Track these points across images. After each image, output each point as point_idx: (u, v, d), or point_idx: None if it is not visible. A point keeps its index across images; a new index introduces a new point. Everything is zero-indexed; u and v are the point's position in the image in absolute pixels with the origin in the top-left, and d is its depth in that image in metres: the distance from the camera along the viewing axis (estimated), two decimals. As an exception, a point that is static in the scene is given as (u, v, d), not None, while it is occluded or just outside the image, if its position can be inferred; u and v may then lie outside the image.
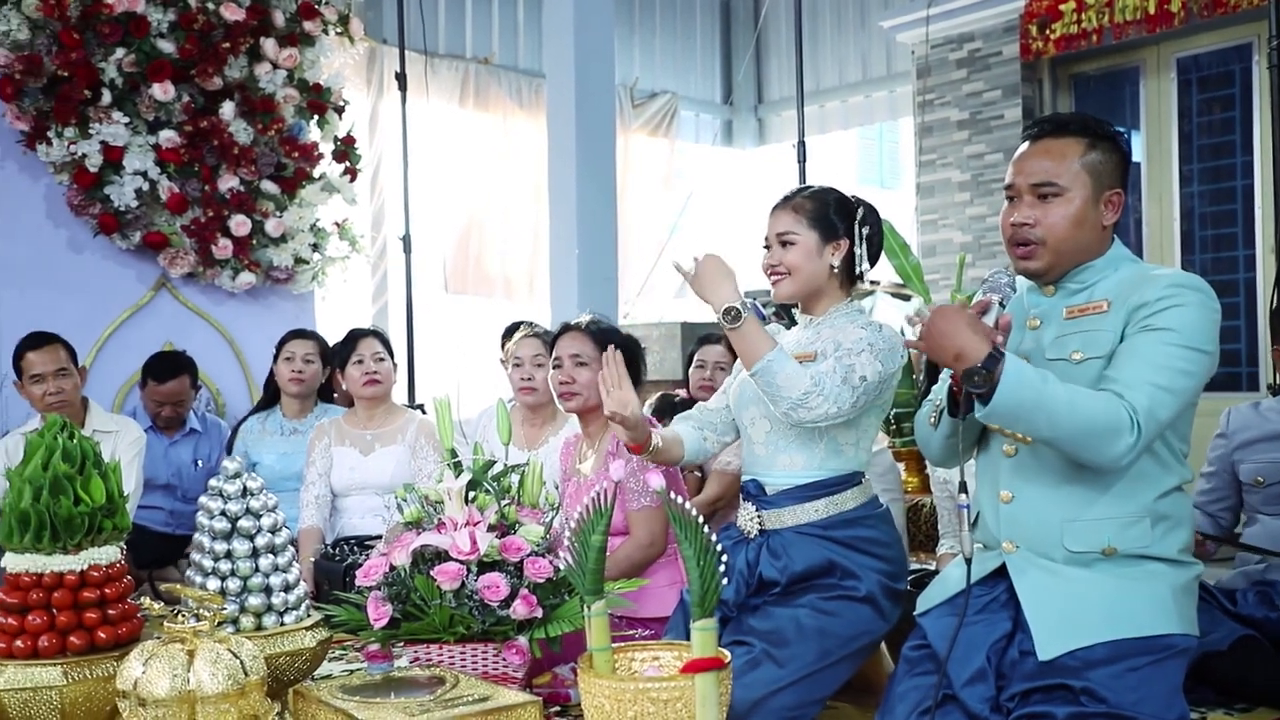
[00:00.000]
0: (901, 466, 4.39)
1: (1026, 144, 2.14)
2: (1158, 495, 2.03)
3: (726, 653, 1.80)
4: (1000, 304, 2.01)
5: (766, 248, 2.53)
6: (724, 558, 1.81)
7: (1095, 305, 2.06)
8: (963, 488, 1.92)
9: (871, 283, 7.65)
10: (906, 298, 7.93)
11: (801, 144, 5.47)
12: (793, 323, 2.72)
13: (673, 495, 1.80)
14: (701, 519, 1.79)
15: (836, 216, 2.50)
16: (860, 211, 2.52)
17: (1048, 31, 6.95)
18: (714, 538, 1.80)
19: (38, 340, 3.82)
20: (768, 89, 9.95)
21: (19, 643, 1.88)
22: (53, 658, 1.88)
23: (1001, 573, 2.11)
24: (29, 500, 1.90)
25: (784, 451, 2.46)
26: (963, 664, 2.02)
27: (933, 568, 3.39)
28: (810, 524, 2.42)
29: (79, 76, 4.73)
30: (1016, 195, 2.11)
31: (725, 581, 1.82)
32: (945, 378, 2.12)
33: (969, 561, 1.97)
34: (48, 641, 1.88)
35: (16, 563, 1.93)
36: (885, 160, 11.97)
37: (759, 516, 2.48)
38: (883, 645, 2.71)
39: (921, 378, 2.18)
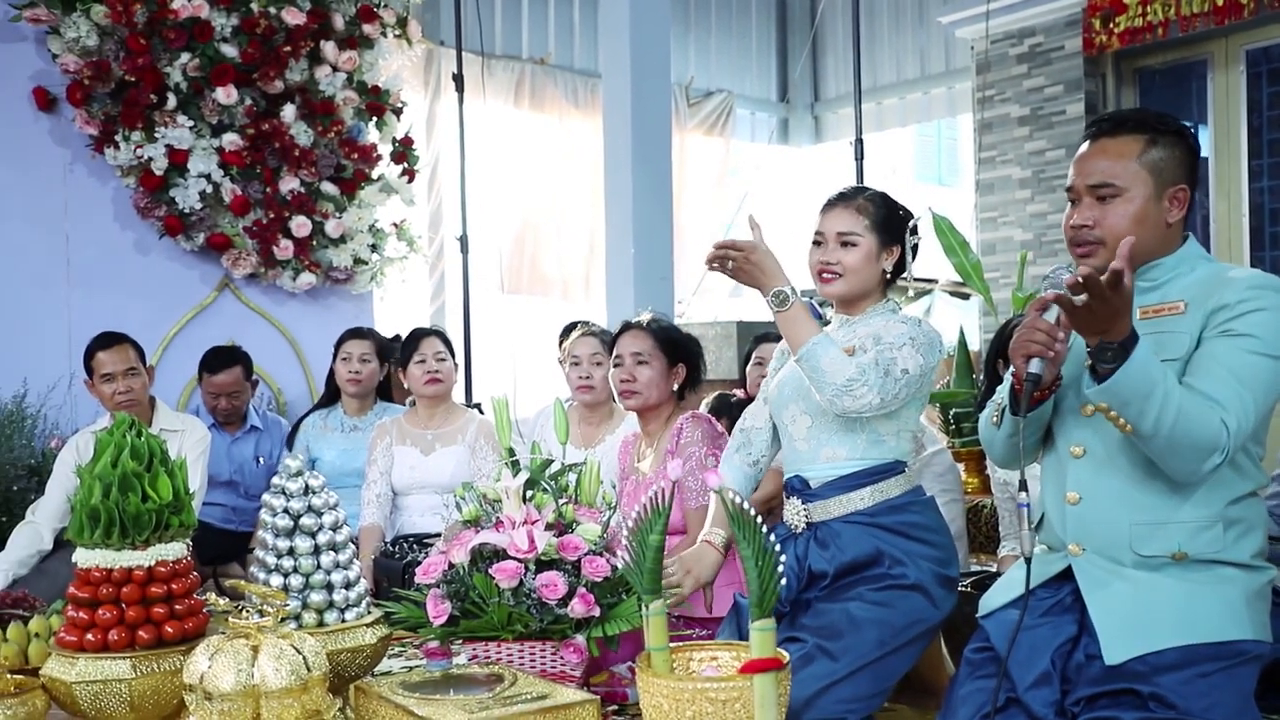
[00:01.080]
0: (961, 467, 4.34)
1: (1086, 144, 2.11)
2: (1231, 500, 1.99)
3: (785, 653, 1.79)
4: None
5: (818, 243, 2.52)
6: (782, 558, 1.80)
7: (1171, 306, 2.02)
8: (1022, 486, 1.89)
9: (928, 280, 7.59)
10: (965, 296, 7.84)
11: (859, 141, 5.42)
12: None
13: (730, 495, 1.79)
14: (760, 519, 1.78)
15: (895, 222, 2.50)
16: (911, 220, 2.54)
17: (1111, 25, 6.82)
18: (772, 538, 1.79)
19: (108, 340, 3.89)
20: (824, 86, 9.88)
21: (90, 636, 1.92)
22: (122, 651, 1.91)
23: (1067, 575, 2.07)
24: (99, 497, 1.94)
25: (826, 445, 2.47)
26: (1027, 667, 1.99)
27: (994, 569, 3.35)
28: (857, 512, 2.42)
29: (145, 81, 4.82)
30: (1077, 197, 2.08)
31: (783, 582, 1.81)
32: (1008, 377, 2.09)
33: (1029, 562, 1.94)
34: (117, 635, 1.92)
35: (87, 558, 1.96)
36: (943, 157, 11.84)
37: (805, 510, 2.48)
38: (944, 648, 2.69)
39: (982, 378, 2.16)
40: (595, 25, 8.03)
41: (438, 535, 3.54)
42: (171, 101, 4.89)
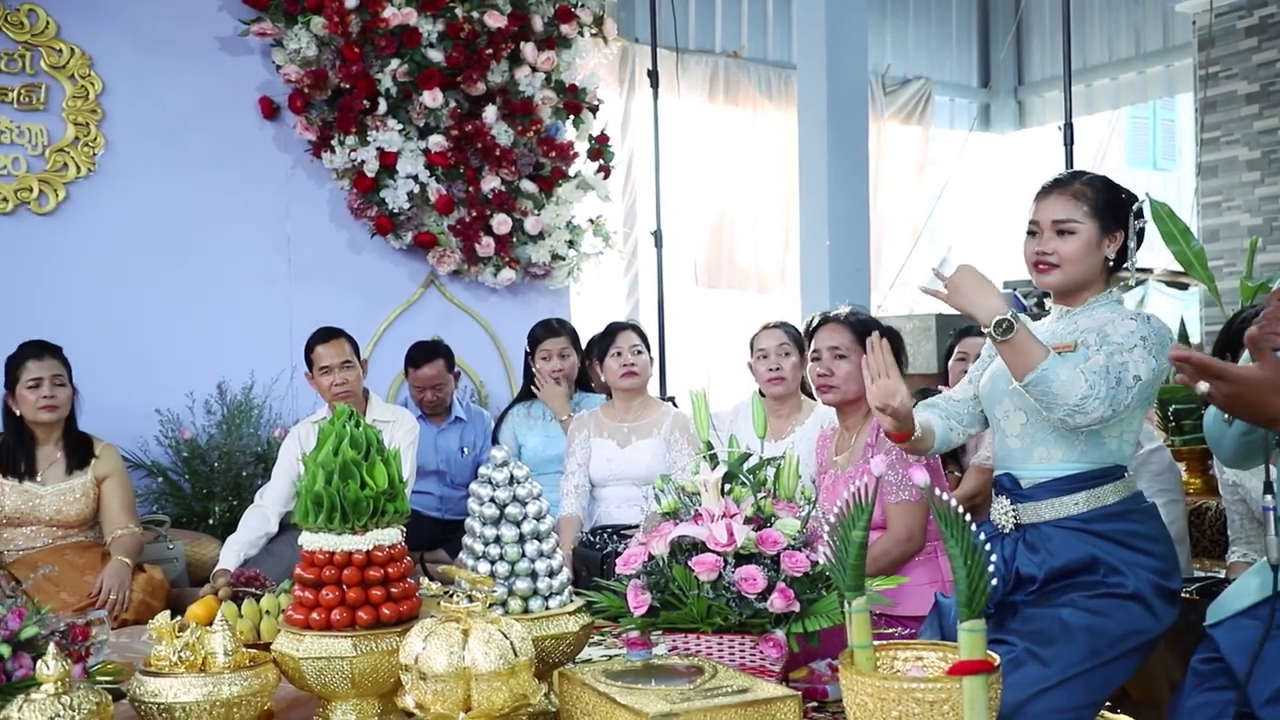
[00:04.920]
0: (1182, 467, 4.09)
1: None
2: None
3: (996, 656, 1.72)
4: None
5: (1032, 233, 2.41)
6: (992, 557, 1.74)
7: None
8: (1268, 488, 1.76)
9: (1142, 271, 7.19)
10: (1184, 286, 7.39)
11: (1068, 126, 5.17)
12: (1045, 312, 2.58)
13: (936, 491, 1.74)
14: (969, 517, 1.72)
15: (1116, 207, 2.37)
16: (1135, 203, 2.39)
17: (1352, -9, 6.31)
18: (981, 536, 1.73)
19: (326, 334, 4.09)
20: (1029, 69, 9.50)
21: (315, 615, 2.02)
22: (344, 630, 2.01)
23: (1309, 584, 1.92)
24: (321, 483, 2.04)
25: (1040, 444, 2.36)
26: (1264, 681, 1.86)
27: (1221, 575, 3.14)
28: (1070, 517, 2.30)
29: (359, 88, 5.06)
30: None
31: (993, 583, 1.74)
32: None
33: (1276, 569, 1.80)
34: (339, 615, 2.01)
35: (311, 541, 2.07)
36: (1159, 140, 11.21)
37: (1014, 511, 2.38)
38: (1164, 659, 2.54)
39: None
40: (789, 16, 7.95)
41: (635, 526, 3.58)
42: (382, 106, 5.12)
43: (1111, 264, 2.39)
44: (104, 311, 4.76)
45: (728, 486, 2.51)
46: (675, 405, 4.75)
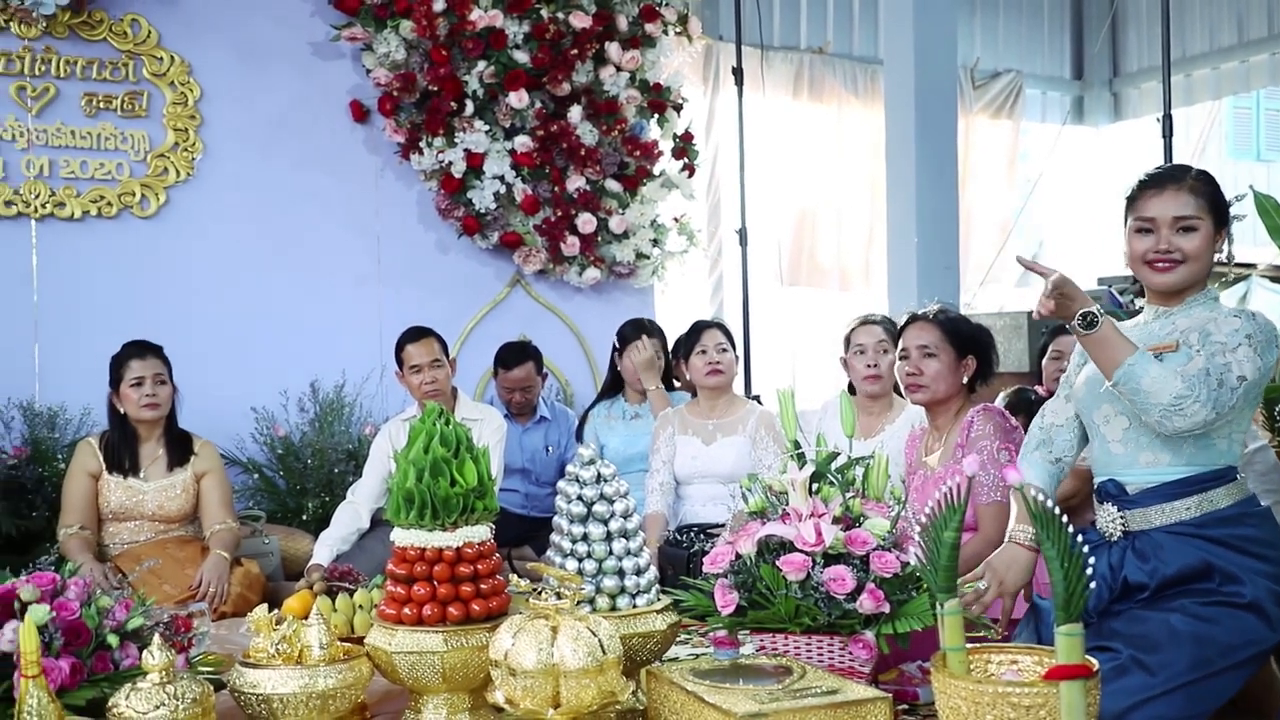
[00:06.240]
0: (1288, 467, 3.95)
1: None
2: None
3: (1094, 660, 1.69)
4: None
5: (1145, 230, 2.33)
6: (1090, 560, 1.70)
7: None
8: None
9: (1243, 266, 6.95)
10: (1289, 282, 7.13)
11: (1167, 117, 5.02)
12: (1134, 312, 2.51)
13: (1033, 492, 1.70)
14: (1066, 518, 1.69)
15: (1223, 203, 2.33)
16: (1233, 200, 2.33)
17: None
18: (1080, 539, 1.69)
19: (416, 334, 4.15)
20: (1125, 60, 9.24)
21: (406, 610, 2.06)
22: (435, 626, 2.03)
23: None
24: (413, 480, 2.08)
25: (1146, 449, 2.29)
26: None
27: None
28: (1181, 523, 2.23)
29: (446, 90, 5.13)
30: None
31: (1091, 586, 1.70)
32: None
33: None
34: (430, 611, 2.04)
35: (403, 537, 2.10)
36: (1263, 130, 10.85)
37: (1122, 518, 2.31)
38: (1273, 663, 2.45)
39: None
40: (875, 11, 7.85)
41: (720, 525, 3.57)
42: (469, 108, 5.17)
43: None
44: (202, 311, 4.89)
45: (816, 486, 2.49)
46: (760, 403, 4.73)
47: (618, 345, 4.58)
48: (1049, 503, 1.68)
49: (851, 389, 3.69)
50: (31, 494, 4.30)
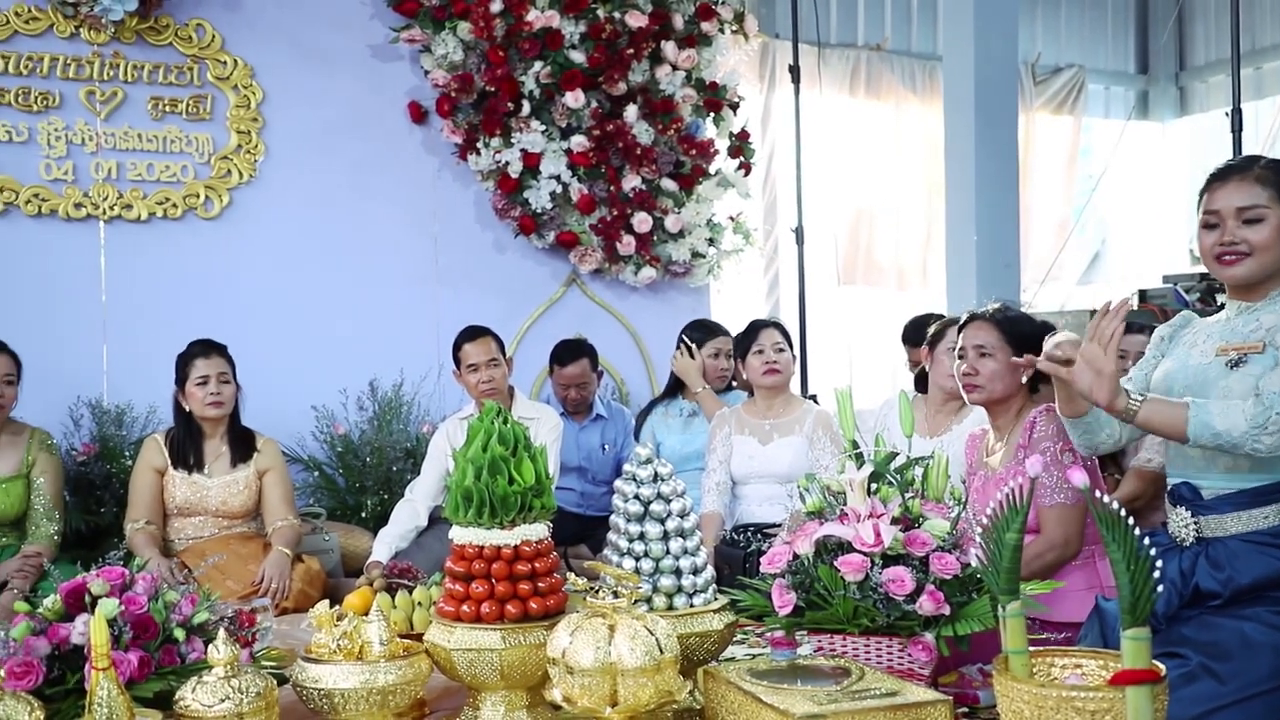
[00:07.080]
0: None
1: None
2: None
3: (1161, 666, 1.65)
4: None
5: (1211, 225, 2.28)
6: (1158, 563, 1.66)
7: None
8: None
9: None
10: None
11: (1236, 111, 4.92)
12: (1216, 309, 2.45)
13: (1096, 493, 1.67)
14: (1132, 520, 1.66)
15: None
16: None
17: None
18: (1146, 542, 1.66)
19: (473, 333, 4.18)
20: (1191, 54, 9.07)
21: (465, 608, 2.07)
22: (493, 623, 2.04)
23: None
24: (471, 478, 2.09)
25: (1227, 454, 2.23)
26: None
27: None
28: (1259, 531, 2.17)
29: (503, 91, 5.16)
30: None
31: (1159, 590, 1.67)
32: None
33: None
34: (488, 608, 2.05)
35: (462, 535, 2.12)
36: (1334, 124, 10.56)
37: (1195, 523, 2.26)
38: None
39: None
40: (934, 6, 7.78)
41: (777, 525, 3.55)
42: (525, 108, 5.20)
43: None
44: (264, 311, 4.96)
45: (874, 486, 2.47)
46: (816, 403, 4.71)
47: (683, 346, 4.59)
48: (1116, 505, 1.65)
49: (921, 386, 3.63)
50: (100, 490, 4.40)
